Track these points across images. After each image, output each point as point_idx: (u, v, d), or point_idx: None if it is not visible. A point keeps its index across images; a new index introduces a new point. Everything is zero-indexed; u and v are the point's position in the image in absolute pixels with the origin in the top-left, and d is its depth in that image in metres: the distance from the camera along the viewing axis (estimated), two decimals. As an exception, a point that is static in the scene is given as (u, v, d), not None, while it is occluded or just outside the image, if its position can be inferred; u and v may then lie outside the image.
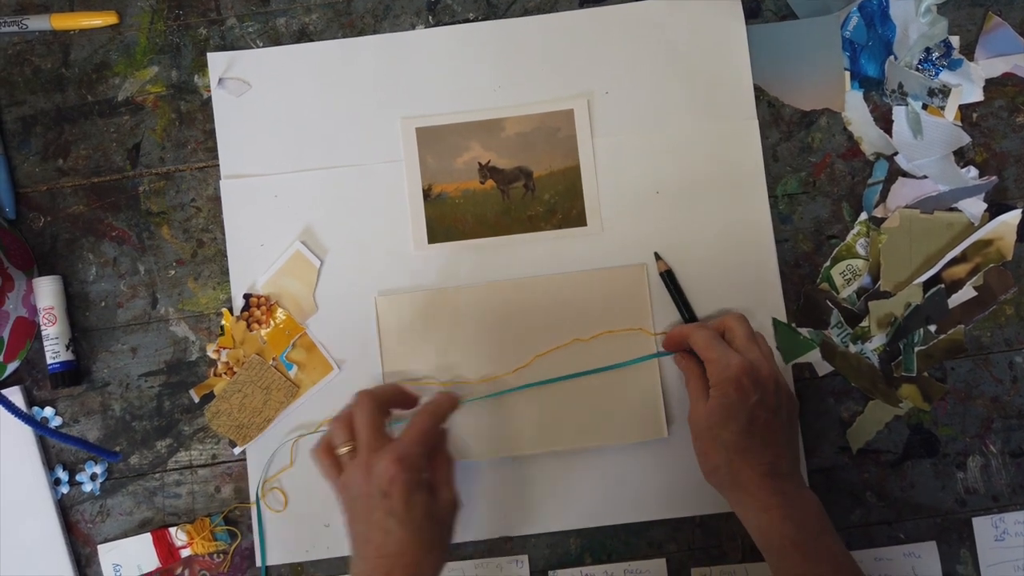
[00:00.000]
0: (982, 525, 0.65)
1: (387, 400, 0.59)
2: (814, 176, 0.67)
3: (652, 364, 0.66)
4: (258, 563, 0.65)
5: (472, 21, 0.69)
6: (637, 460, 0.65)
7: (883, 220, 0.67)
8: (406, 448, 0.56)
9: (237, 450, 0.66)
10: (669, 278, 0.66)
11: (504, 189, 0.68)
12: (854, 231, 0.67)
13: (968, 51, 0.68)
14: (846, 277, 0.67)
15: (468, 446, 0.65)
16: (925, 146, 0.67)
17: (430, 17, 0.69)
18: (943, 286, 0.66)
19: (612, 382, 0.65)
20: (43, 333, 0.65)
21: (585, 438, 0.65)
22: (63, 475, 0.66)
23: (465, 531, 0.65)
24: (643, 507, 0.65)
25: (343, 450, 0.57)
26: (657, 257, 0.66)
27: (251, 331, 0.66)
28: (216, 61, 0.68)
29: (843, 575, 0.55)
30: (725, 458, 0.58)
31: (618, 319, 0.66)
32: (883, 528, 0.65)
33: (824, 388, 0.66)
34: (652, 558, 0.65)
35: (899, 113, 0.67)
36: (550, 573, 0.65)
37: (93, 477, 0.66)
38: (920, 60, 0.67)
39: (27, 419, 0.59)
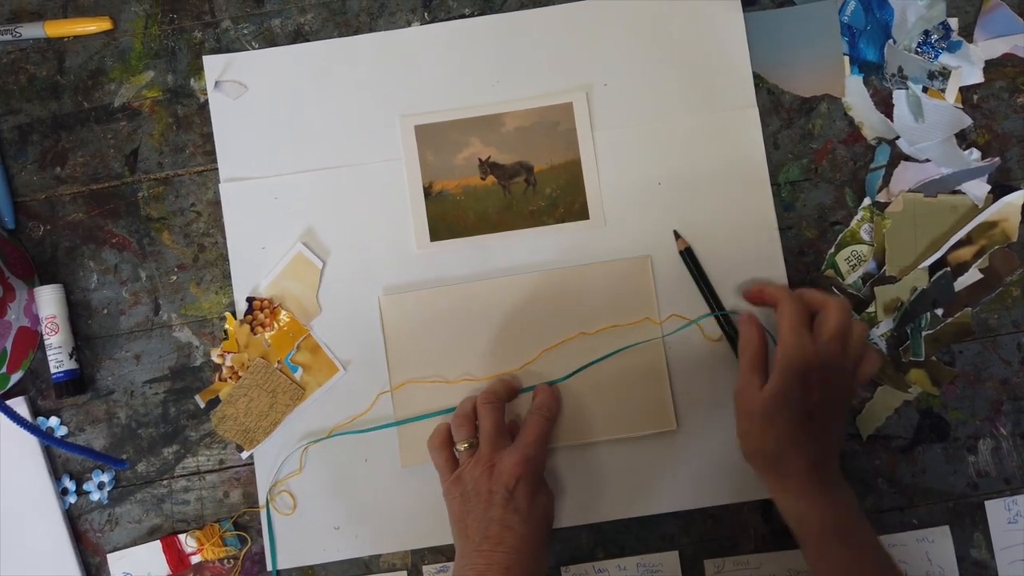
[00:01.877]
0: (995, 508, 0.65)
1: (506, 398, 0.63)
2: (816, 163, 0.67)
3: (660, 357, 0.65)
4: (268, 567, 0.65)
5: (468, 16, 0.68)
6: (647, 453, 0.65)
7: (887, 205, 0.66)
8: (531, 449, 0.59)
9: (244, 454, 0.66)
10: (689, 256, 0.65)
11: (505, 184, 0.67)
12: (858, 217, 0.67)
13: (967, 33, 0.68)
14: (851, 263, 0.66)
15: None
16: (927, 129, 0.67)
17: (425, 13, 0.68)
18: (949, 269, 0.65)
19: (619, 375, 0.65)
20: (46, 342, 0.65)
21: (593, 432, 0.65)
22: (70, 485, 0.66)
23: (476, 529, 0.65)
24: (654, 500, 0.65)
25: (464, 446, 0.60)
26: (677, 236, 0.65)
27: (255, 334, 0.66)
28: (212, 64, 0.68)
29: (879, 565, 0.55)
30: (773, 446, 0.58)
31: (623, 311, 0.66)
32: (895, 514, 0.65)
33: (832, 375, 0.66)
34: (664, 551, 0.65)
35: (899, 97, 0.67)
36: (562, 569, 0.65)
37: (100, 486, 0.66)
38: (919, 43, 0.67)
39: (33, 429, 0.58)
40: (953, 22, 0.67)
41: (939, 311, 0.66)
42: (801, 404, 0.57)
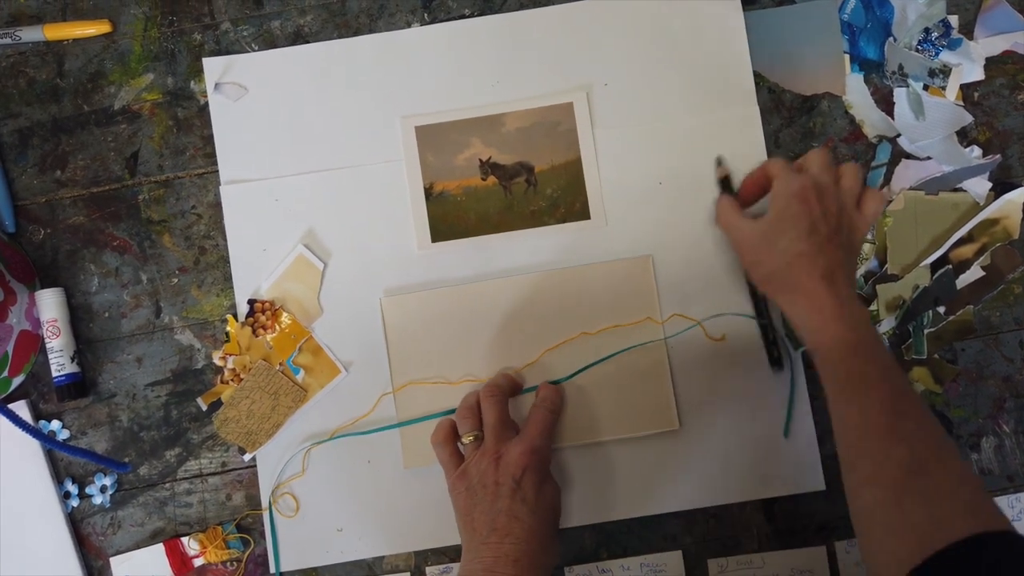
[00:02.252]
0: (999, 506, 0.65)
1: (510, 391, 0.63)
2: (817, 161, 0.67)
3: (661, 355, 0.65)
4: (272, 570, 0.65)
5: (468, 17, 0.68)
6: (650, 453, 0.65)
7: (888, 203, 0.66)
8: (536, 440, 0.59)
9: (247, 457, 0.66)
10: (726, 186, 0.64)
11: (506, 185, 0.67)
12: (859, 215, 0.66)
13: (967, 30, 0.67)
14: (853, 261, 0.66)
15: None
16: (927, 127, 0.67)
17: (425, 14, 0.68)
18: (951, 267, 0.65)
19: (621, 375, 0.65)
20: (47, 346, 0.65)
21: (596, 432, 0.65)
22: (72, 488, 0.66)
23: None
24: (657, 500, 0.65)
25: (468, 438, 0.60)
26: (719, 162, 0.64)
27: (257, 337, 0.66)
28: (212, 66, 0.68)
29: (890, 377, 0.54)
30: (782, 262, 0.56)
31: (625, 311, 0.66)
32: (899, 512, 0.65)
33: (835, 374, 0.66)
34: (668, 551, 0.65)
35: (900, 95, 0.67)
36: (566, 570, 0.65)
37: (103, 489, 0.66)
38: (919, 41, 0.67)
39: (35, 433, 0.58)
40: (953, 19, 0.67)
41: (941, 309, 0.66)
42: (802, 218, 0.56)
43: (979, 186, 0.66)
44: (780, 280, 0.57)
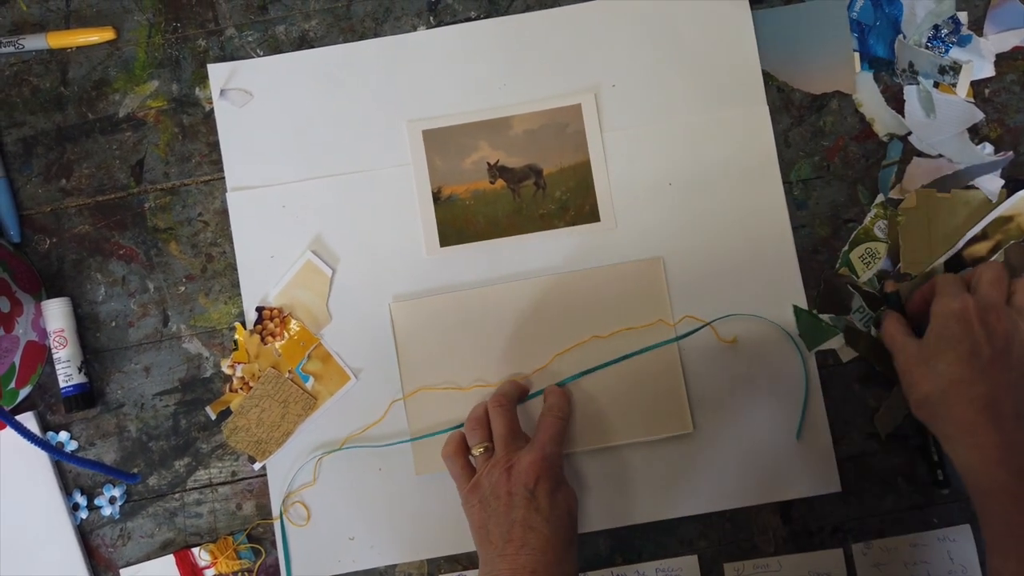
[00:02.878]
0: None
1: (516, 397, 0.62)
2: (828, 160, 0.67)
3: (674, 359, 0.65)
4: (284, 579, 0.64)
5: (474, 20, 0.68)
6: (664, 457, 0.64)
7: (900, 201, 0.66)
8: (547, 448, 0.59)
9: (257, 466, 0.65)
10: (894, 301, 0.63)
11: (514, 188, 0.67)
12: (871, 214, 0.66)
13: (977, 26, 0.67)
14: (865, 261, 0.66)
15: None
16: (938, 124, 0.66)
17: (431, 18, 0.68)
18: (966, 266, 0.65)
19: (634, 378, 0.64)
20: (54, 356, 0.64)
21: (610, 436, 0.64)
22: (81, 500, 0.65)
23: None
24: (672, 504, 0.64)
25: (479, 450, 0.59)
26: (887, 276, 0.63)
27: (265, 344, 0.65)
28: (217, 72, 0.67)
29: None
30: (938, 387, 0.54)
31: (636, 314, 0.65)
32: (916, 513, 0.64)
33: (849, 374, 0.65)
34: (683, 555, 0.64)
35: (910, 92, 0.66)
36: (581, 575, 0.64)
37: (112, 500, 0.65)
38: (929, 38, 0.66)
39: (44, 445, 0.58)
40: (962, 16, 0.67)
41: (955, 307, 0.65)
42: (961, 341, 0.53)
43: (992, 183, 0.65)
44: (935, 407, 0.55)
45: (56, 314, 0.65)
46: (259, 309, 0.66)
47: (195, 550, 0.64)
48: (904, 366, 0.57)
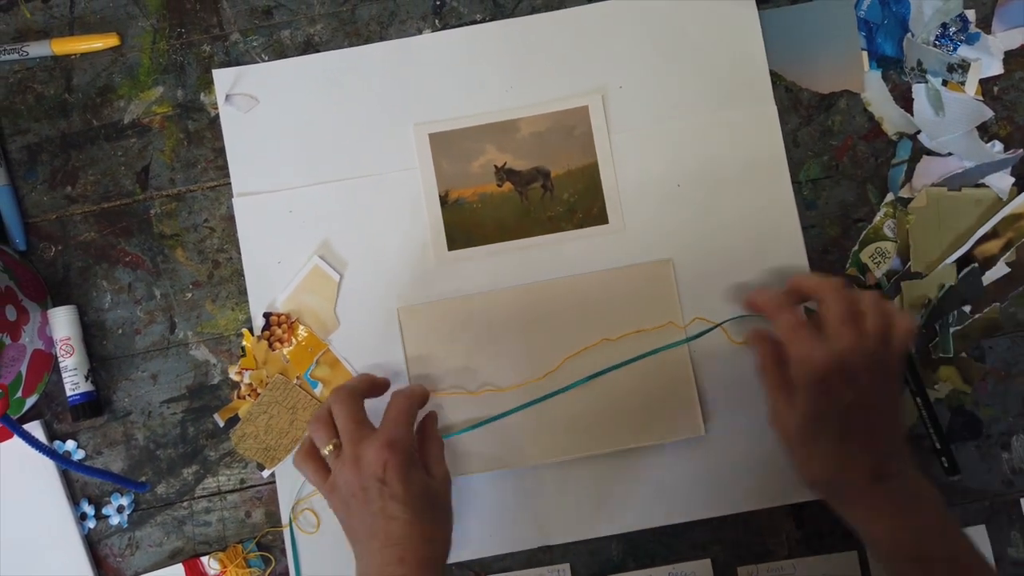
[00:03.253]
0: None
1: (362, 391, 0.59)
2: (837, 160, 0.66)
3: (685, 361, 0.64)
4: (294, 587, 0.64)
5: (479, 22, 0.67)
6: (675, 460, 0.64)
7: (910, 200, 0.65)
8: (391, 431, 0.56)
9: (265, 473, 0.65)
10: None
11: (522, 191, 0.66)
12: (881, 213, 0.66)
13: (985, 24, 0.67)
14: (875, 260, 0.65)
15: (501, 456, 0.64)
16: (948, 123, 0.66)
17: (436, 20, 0.68)
18: (977, 265, 0.64)
19: (645, 381, 0.64)
20: (61, 365, 0.64)
21: (621, 440, 0.64)
22: (89, 509, 0.64)
23: (503, 543, 0.64)
24: (684, 508, 0.64)
25: (327, 449, 0.57)
26: (866, 269, 0.61)
27: (273, 350, 0.65)
28: (222, 78, 0.67)
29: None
30: (826, 471, 0.53)
31: (646, 316, 0.65)
32: (930, 514, 0.64)
33: (861, 375, 0.65)
34: (696, 559, 0.64)
35: (919, 91, 0.66)
36: (593, 580, 0.64)
37: (120, 509, 0.64)
38: (937, 36, 0.66)
39: (52, 454, 0.57)
40: (970, 14, 0.66)
41: (967, 308, 0.65)
42: (834, 417, 0.52)
43: (1002, 181, 0.65)
44: (828, 489, 0.54)
45: (62, 322, 0.64)
46: (267, 315, 0.65)
47: (204, 559, 0.64)
48: (784, 441, 0.55)
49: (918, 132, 0.66)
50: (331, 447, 0.56)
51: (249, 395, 0.65)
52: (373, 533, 0.54)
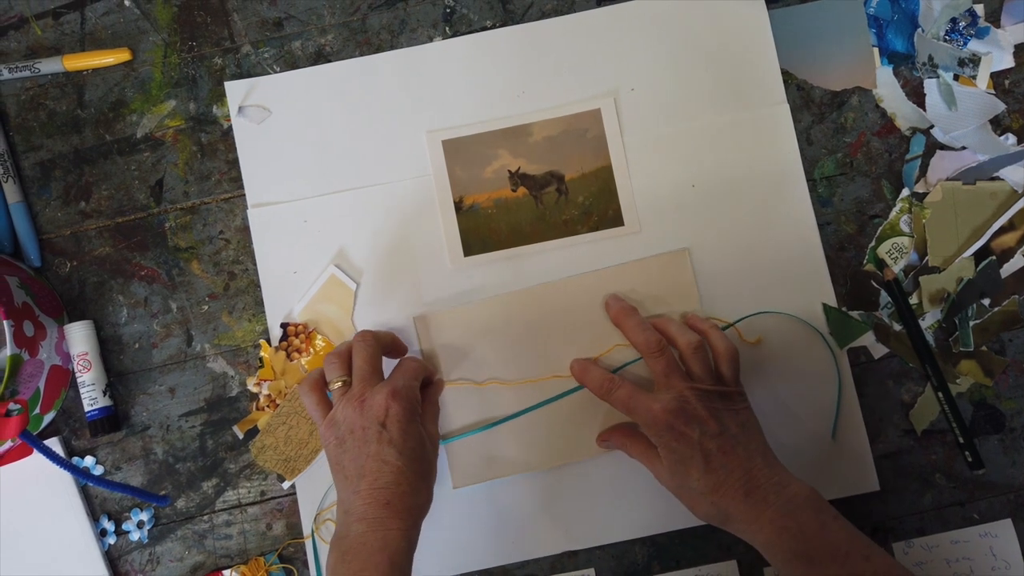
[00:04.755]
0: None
1: (385, 343, 0.61)
2: (851, 156, 0.66)
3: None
4: (317, 599, 0.63)
5: (489, 29, 0.68)
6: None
7: (925, 195, 0.65)
8: (399, 382, 0.58)
9: (286, 484, 0.64)
10: (897, 287, 0.63)
11: (537, 195, 0.66)
12: (896, 208, 0.66)
13: (994, 18, 0.67)
14: (893, 256, 0.65)
15: (523, 459, 0.64)
16: (960, 117, 0.66)
17: (447, 28, 0.68)
18: (995, 258, 0.64)
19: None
20: (78, 380, 0.64)
21: (643, 442, 0.63)
22: (109, 525, 0.64)
23: (526, 549, 0.64)
24: (708, 508, 0.63)
25: (337, 384, 0.58)
26: (883, 264, 0.63)
27: (291, 361, 0.65)
28: (234, 90, 0.67)
29: (850, 570, 0.52)
30: (707, 503, 0.56)
31: (665, 309, 0.64)
32: (956, 509, 0.64)
33: (882, 371, 0.65)
34: (722, 561, 0.63)
35: (931, 86, 0.66)
36: (618, 585, 0.63)
37: (140, 525, 0.64)
38: (947, 31, 0.66)
39: (73, 469, 0.57)
40: (979, 9, 0.67)
41: (986, 301, 0.65)
42: (691, 455, 0.56)
43: (1016, 174, 0.65)
44: (716, 517, 0.57)
45: (79, 337, 0.64)
46: (284, 325, 0.65)
47: (226, 572, 0.63)
48: (671, 492, 0.59)
49: (931, 127, 0.66)
50: (340, 383, 0.58)
51: (268, 406, 0.65)
52: (362, 473, 0.55)
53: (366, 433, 0.56)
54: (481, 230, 0.66)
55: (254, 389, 0.65)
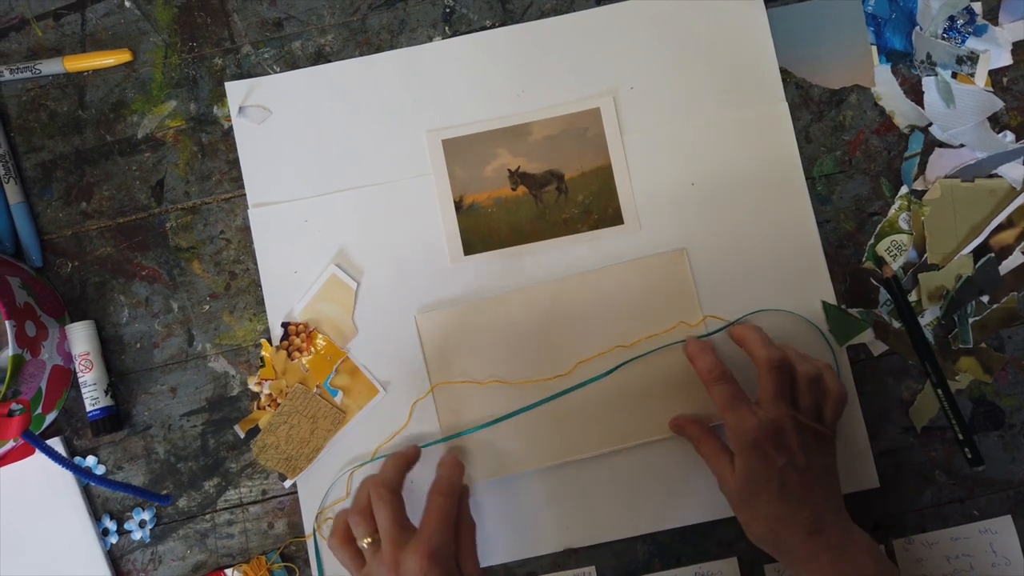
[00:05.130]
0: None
1: (400, 480, 0.59)
2: (849, 154, 0.66)
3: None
4: (319, 598, 0.63)
5: (489, 28, 0.68)
6: (699, 457, 0.63)
7: (924, 192, 0.66)
8: (434, 540, 0.55)
9: (287, 483, 0.64)
10: (896, 285, 0.64)
11: (536, 194, 0.66)
12: (895, 206, 0.66)
13: (992, 16, 0.67)
14: (892, 253, 0.65)
15: (522, 457, 0.64)
16: (958, 114, 0.66)
17: (446, 28, 0.68)
18: (993, 255, 0.64)
19: (662, 373, 0.64)
20: (80, 380, 0.64)
21: (642, 434, 0.63)
22: (111, 525, 0.64)
23: (527, 548, 0.64)
24: (709, 506, 0.63)
25: (365, 542, 0.57)
26: (882, 262, 0.63)
27: (292, 360, 0.65)
28: (234, 90, 0.67)
29: None
30: (767, 527, 0.56)
31: (663, 309, 0.65)
32: (956, 506, 0.64)
33: (881, 368, 0.65)
34: (723, 558, 0.63)
35: (929, 84, 0.66)
36: (619, 582, 0.63)
37: (142, 524, 0.64)
38: (945, 29, 0.66)
39: (75, 469, 0.57)
40: (977, 6, 0.67)
41: (985, 298, 0.65)
42: (770, 479, 0.56)
43: (1015, 171, 0.65)
44: (770, 544, 0.57)
45: (81, 337, 0.64)
46: (285, 325, 0.65)
47: (228, 571, 0.64)
48: (729, 502, 0.59)
49: (929, 124, 0.66)
50: (369, 540, 0.57)
51: (269, 405, 0.65)
52: None
53: None
54: (481, 229, 0.66)
55: (255, 388, 0.65)
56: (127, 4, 0.68)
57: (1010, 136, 0.66)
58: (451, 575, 0.55)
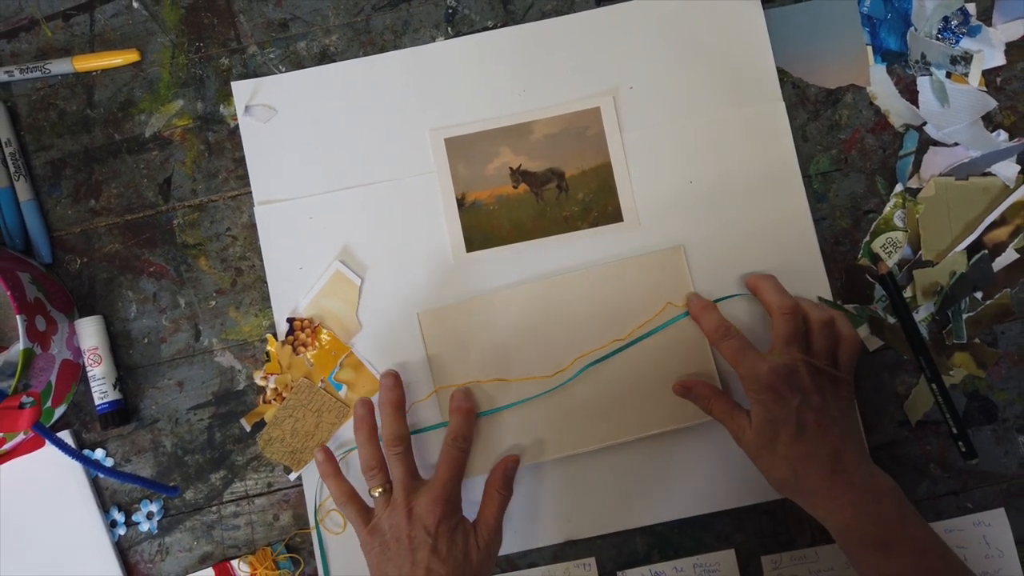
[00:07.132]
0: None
1: (408, 432, 0.62)
2: (845, 153, 0.68)
3: (702, 339, 0.65)
4: (323, 589, 0.64)
5: (491, 28, 0.69)
6: (698, 451, 0.65)
7: (918, 190, 0.67)
8: (448, 487, 0.59)
9: (292, 476, 0.65)
10: (891, 281, 0.65)
11: (537, 192, 0.68)
12: (890, 204, 0.67)
13: (985, 16, 0.68)
14: (887, 250, 0.67)
15: (523, 451, 0.65)
16: (953, 114, 0.67)
17: (449, 28, 0.69)
18: (987, 252, 0.66)
19: (663, 366, 0.65)
20: (89, 374, 0.65)
21: (642, 426, 0.65)
22: (119, 516, 0.65)
23: (528, 539, 0.65)
24: (707, 499, 0.65)
25: (378, 491, 0.59)
26: (877, 259, 0.64)
27: (297, 355, 0.66)
28: (241, 89, 0.68)
29: (927, 564, 0.53)
30: (788, 468, 0.57)
31: (661, 303, 0.66)
32: (950, 499, 0.65)
33: (877, 363, 0.66)
34: (720, 550, 0.64)
35: (924, 83, 0.68)
36: (619, 573, 0.64)
37: (149, 516, 0.65)
38: (939, 29, 0.67)
39: (85, 460, 0.58)
40: (971, 7, 0.68)
41: (978, 294, 0.66)
42: (787, 418, 0.56)
43: (1008, 169, 0.66)
44: (792, 486, 0.57)
45: (90, 332, 0.65)
46: (290, 320, 0.66)
47: (234, 562, 0.65)
48: (749, 452, 0.59)
49: (924, 124, 0.67)
50: (382, 490, 0.59)
51: (274, 399, 0.66)
52: None
53: (413, 541, 0.57)
54: (483, 226, 0.67)
55: (261, 383, 0.66)
56: (135, 5, 0.69)
57: (1003, 135, 0.67)
58: (460, 525, 0.59)
